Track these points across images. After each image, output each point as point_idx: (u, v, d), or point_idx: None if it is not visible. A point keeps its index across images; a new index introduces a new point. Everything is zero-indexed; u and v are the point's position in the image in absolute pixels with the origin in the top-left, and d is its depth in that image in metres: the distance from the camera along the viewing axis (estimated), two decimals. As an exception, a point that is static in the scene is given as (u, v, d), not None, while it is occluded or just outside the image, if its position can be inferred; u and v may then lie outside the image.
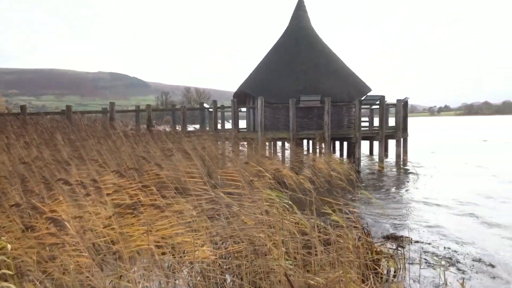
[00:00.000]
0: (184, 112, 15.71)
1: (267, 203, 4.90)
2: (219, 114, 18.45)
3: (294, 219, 4.70)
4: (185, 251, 3.90)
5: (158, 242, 3.69)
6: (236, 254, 4.20)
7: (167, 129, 15.19)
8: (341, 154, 19.84)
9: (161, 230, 3.85)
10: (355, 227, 5.24)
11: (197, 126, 17.70)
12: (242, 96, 18.87)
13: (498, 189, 11.35)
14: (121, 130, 12.18)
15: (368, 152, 19.92)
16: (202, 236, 4.02)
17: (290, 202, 5.98)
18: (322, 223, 5.08)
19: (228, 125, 17.28)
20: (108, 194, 4.45)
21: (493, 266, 5.44)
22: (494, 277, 5.12)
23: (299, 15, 18.81)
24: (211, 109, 16.46)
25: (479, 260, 5.67)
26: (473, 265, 5.50)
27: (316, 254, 4.06)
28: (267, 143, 19.21)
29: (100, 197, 4.42)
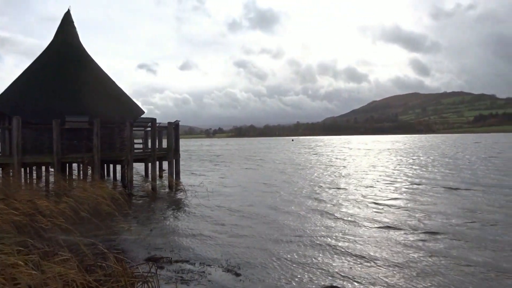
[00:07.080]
0: None
1: None
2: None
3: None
4: None
5: None
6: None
7: None
8: (115, 178, 19.25)
9: None
10: (109, 255, 5.13)
11: None
12: (-5, 115, 16.19)
13: (262, 204, 13.00)
14: None
15: (144, 174, 19.94)
16: None
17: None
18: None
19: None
20: None
21: (238, 275, 6.14)
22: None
23: (66, 30, 17.53)
24: None
25: (228, 271, 6.32)
26: (221, 275, 6.10)
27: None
28: (29, 169, 17.00)
29: None
